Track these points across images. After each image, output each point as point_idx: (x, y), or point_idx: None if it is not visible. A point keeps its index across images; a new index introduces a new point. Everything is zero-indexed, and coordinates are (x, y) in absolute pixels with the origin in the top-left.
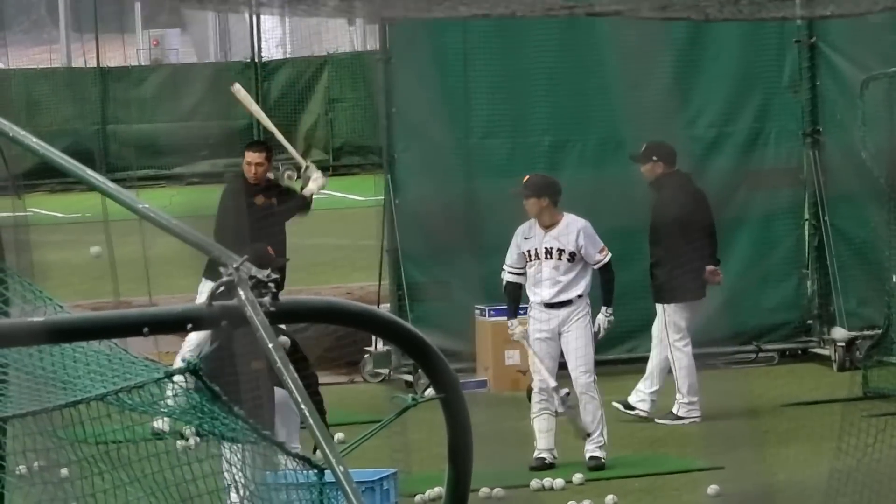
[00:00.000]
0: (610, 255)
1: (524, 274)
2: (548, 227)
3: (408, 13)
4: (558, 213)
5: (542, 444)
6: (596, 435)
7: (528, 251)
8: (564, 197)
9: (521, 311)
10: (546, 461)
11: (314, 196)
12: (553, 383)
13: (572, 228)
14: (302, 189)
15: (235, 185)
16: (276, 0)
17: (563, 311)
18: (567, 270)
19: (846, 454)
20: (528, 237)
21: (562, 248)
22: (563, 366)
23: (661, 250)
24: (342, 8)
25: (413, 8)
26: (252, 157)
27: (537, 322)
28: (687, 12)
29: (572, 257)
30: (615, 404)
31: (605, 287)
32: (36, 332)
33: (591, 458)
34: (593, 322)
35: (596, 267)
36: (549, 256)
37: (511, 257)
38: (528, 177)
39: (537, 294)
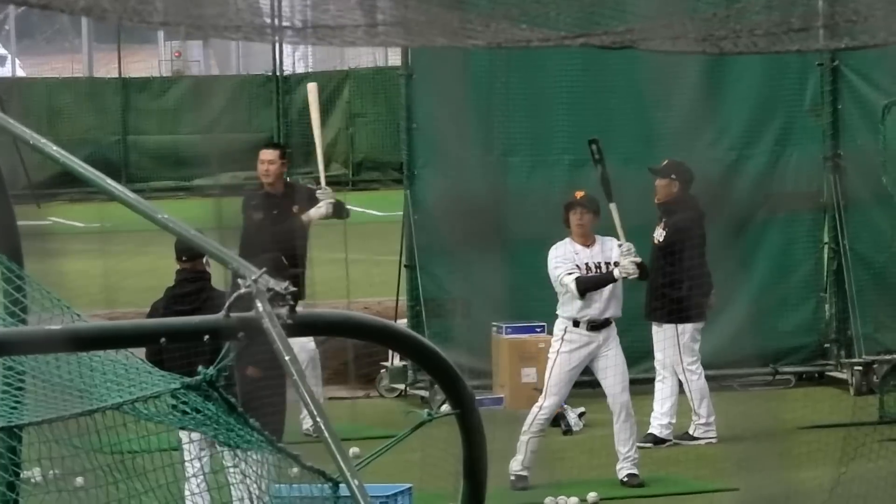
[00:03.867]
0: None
1: None
2: (588, 245)
3: (425, 43)
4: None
5: (529, 462)
6: (632, 453)
7: (577, 265)
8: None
9: (539, 329)
10: (528, 480)
11: (313, 222)
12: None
13: (608, 243)
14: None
15: (253, 199)
16: (296, 29)
17: (604, 333)
18: (615, 284)
19: (861, 478)
20: (577, 252)
21: (607, 261)
22: (586, 384)
23: (677, 270)
24: (359, 37)
25: (434, 39)
26: (266, 154)
27: (573, 344)
28: (700, 46)
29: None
30: (644, 445)
31: None
32: (53, 339)
33: (630, 475)
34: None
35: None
36: (598, 270)
37: (567, 265)
38: (583, 193)
39: (586, 313)
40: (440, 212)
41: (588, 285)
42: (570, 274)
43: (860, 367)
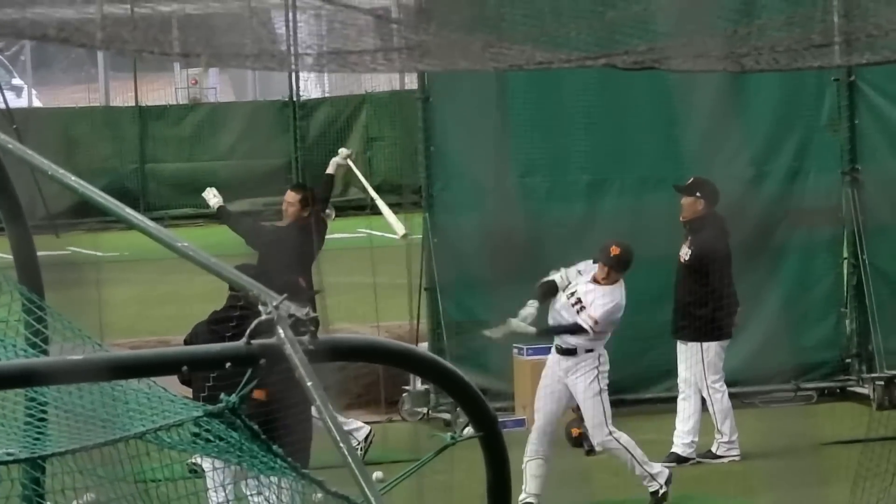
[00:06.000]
0: (588, 329)
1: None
2: (600, 283)
3: (446, 67)
4: (617, 279)
5: (532, 489)
6: (639, 471)
7: (573, 283)
8: (602, 236)
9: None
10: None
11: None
12: (550, 428)
13: (601, 298)
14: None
15: (272, 226)
16: (315, 56)
17: (570, 361)
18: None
19: (886, 493)
20: (581, 272)
21: (585, 306)
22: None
23: (702, 289)
24: (378, 62)
25: (451, 63)
26: (288, 195)
27: (550, 363)
28: (722, 64)
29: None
30: (667, 465)
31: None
32: (75, 370)
33: (651, 493)
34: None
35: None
36: (573, 302)
37: (569, 272)
38: (617, 250)
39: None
40: (459, 234)
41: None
42: (558, 275)
43: (882, 382)
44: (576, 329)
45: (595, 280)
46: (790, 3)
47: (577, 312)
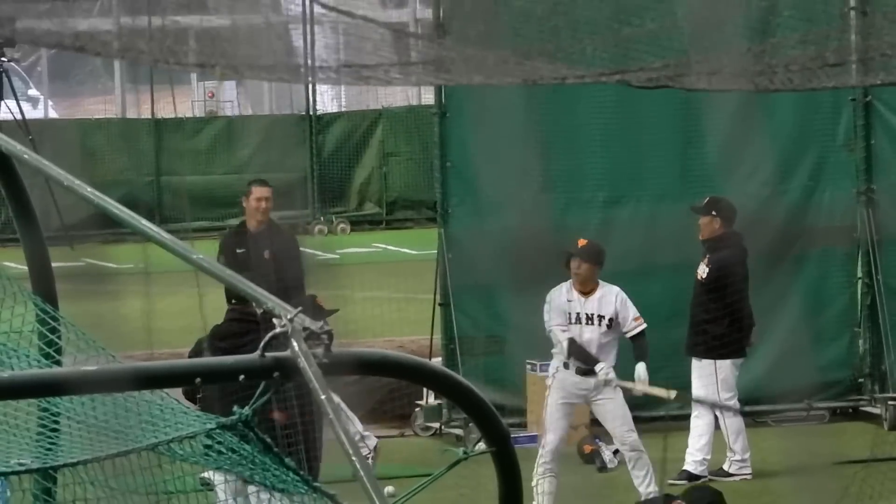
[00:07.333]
0: (644, 325)
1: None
2: (587, 293)
3: (462, 81)
4: (597, 275)
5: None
6: (652, 489)
7: (570, 314)
8: (618, 253)
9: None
10: None
11: None
12: (561, 445)
13: (610, 295)
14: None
15: (235, 238)
16: (330, 69)
17: (592, 381)
18: (603, 336)
19: None
20: (570, 300)
21: (602, 314)
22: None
23: (718, 307)
24: (394, 76)
25: (471, 77)
26: (262, 192)
27: (564, 384)
28: (736, 83)
29: (610, 323)
30: (678, 482)
31: (640, 351)
32: (89, 381)
33: None
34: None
35: (629, 335)
36: (590, 322)
37: (557, 318)
38: (583, 242)
39: (571, 360)
40: (474, 250)
41: (576, 356)
42: (564, 331)
43: (894, 402)
44: (645, 343)
45: (582, 293)
46: (805, 21)
47: (604, 326)
